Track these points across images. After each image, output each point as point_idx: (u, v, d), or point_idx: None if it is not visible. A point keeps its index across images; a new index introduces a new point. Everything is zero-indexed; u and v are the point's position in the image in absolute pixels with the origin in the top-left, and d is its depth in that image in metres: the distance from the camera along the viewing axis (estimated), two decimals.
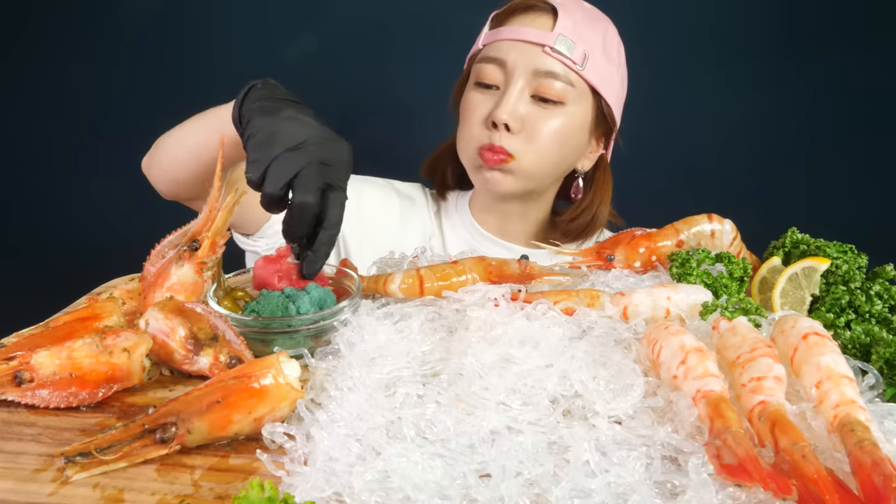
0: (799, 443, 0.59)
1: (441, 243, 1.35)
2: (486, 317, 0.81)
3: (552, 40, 1.16)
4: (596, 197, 1.32)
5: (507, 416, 0.68)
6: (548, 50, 1.16)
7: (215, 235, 0.91)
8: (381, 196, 1.36)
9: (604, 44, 1.21)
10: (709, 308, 0.85)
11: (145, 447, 0.66)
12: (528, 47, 1.17)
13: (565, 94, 1.18)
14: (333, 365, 0.78)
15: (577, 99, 1.19)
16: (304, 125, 0.83)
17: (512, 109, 1.16)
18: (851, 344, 0.80)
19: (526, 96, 1.18)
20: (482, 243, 1.34)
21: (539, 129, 1.18)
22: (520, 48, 1.18)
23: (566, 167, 1.27)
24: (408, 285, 0.93)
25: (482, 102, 1.21)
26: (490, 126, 1.19)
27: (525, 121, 1.17)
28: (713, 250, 1.01)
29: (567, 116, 1.19)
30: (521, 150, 1.18)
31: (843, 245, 0.95)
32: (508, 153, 1.18)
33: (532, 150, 1.18)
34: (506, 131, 1.17)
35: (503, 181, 1.21)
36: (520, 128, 1.17)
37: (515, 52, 1.18)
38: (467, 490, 0.59)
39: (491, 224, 1.34)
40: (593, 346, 0.78)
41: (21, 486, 0.63)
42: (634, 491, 0.58)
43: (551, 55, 1.16)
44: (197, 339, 0.80)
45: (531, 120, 1.18)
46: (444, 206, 1.40)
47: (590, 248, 1.07)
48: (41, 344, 0.77)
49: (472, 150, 1.22)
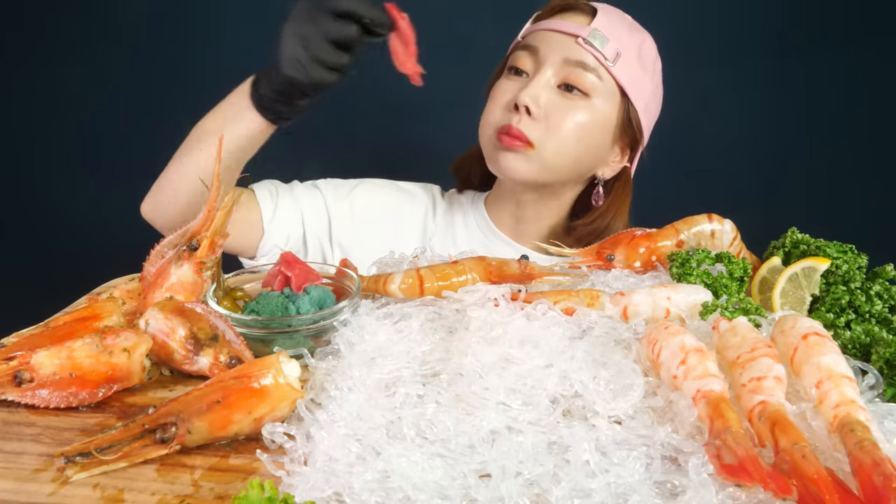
0: (799, 443, 0.59)
1: (452, 241, 1.35)
2: (486, 317, 0.81)
3: (586, 33, 1.17)
4: (612, 206, 1.30)
5: (507, 416, 0.68)
6: (580, 41, 1.17)
7: (214, 235, 0.91)
8: (374, 193, 1.35)
9: (639, 51, 1.22)
10: (709, 308, 0.85)
11: (145, 447, 0.66)
12: (561, 37, 1.19)
13: (592, 86, 1.18)
14: (333, 365, 0.78)
15: (603, 95, 1.19)
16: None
17: (535, 94, 1.17)
18: (851, 344, 0.80)
19: (553, 84, 1.18)
20: (493, 242, 1.33)
21: (561, 119, 1.17)
22: (554, 38, 1.20)
23: (585, 167, 1.25)
24: (408, 285, 0.93)
25: (510, 88, 1.21)
26: (512, 109, 1.19)
27: (548, 108, 1.17)
28: (713, 250, 1.01)
29: (591, 111, 1.19)
30: (540, 139, 1.17)
31: (843, 245, 0.95)
32: (528, 140, 1.17)
33: (552, 139, 1.17)
34: (526, 115, 1.17)
35: (518, 164, 1.19)
36: (541, 115, 1.17)
37: (549, 41, 1.20)
38: (467, 490, 0.59)
39: (505, 223, 1.33)
40: (593, 346, 0.78)
41: (21, 486, 0.63)
42: (634, 491, 0.58)
43: (583, 46, 1.17)
44: (197, 339, 0.80)
45: (554, 108, 1.17)
46: (458, 201, 1.39)
47: (590, 248, 1.07)
48: (41, 344, 0.77)
49: (491, 131, 1.21)
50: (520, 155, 1.19)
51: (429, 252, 1.06)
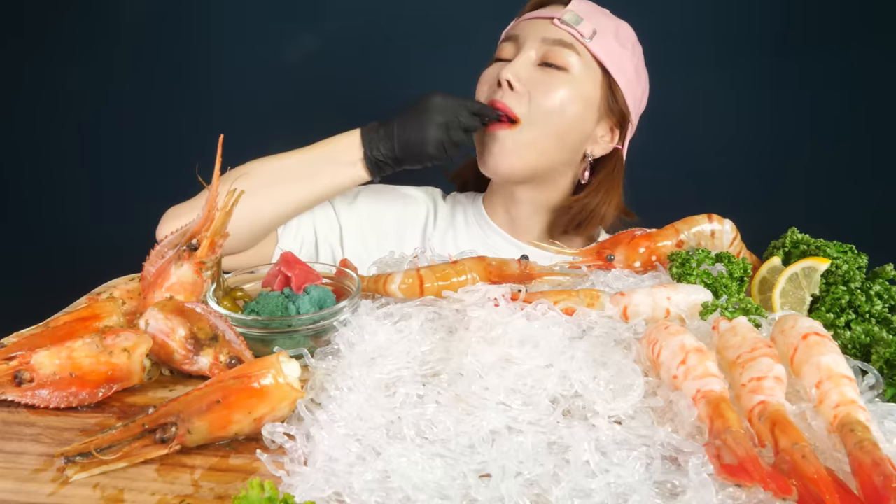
0: (799, 443, 0.59)
1: (453, 241, 1.35)
2: (486, 317, 0.81)
3: (561, 13, 1.23)
4: (603, 184, 1.30)
5: (507, 416, 0.68)
6: (556, 22, 1.22)
7: (214, 235, 0.91)
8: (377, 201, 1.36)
9: (616, 32, 1.26)
10: (709, 308, 0.85)
11: (145, 447, 0.66)
12: (538, 21, 1.25)
13: (570, 61, 1.21)
14: (333, 365, 0.78)
15: (582, 69, 1.22)
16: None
17: (516, 70, 1.20)
18: (851, 344, 0.80)
19: (533, 61, 1.22)
20: (492, 238, 1.34)
21: (543, 93, 1.20)
22: (532, 23, 1.26)
23: (571, 143, 1.25)
24: (408, 285, 0.93)
25: (493, 72, 1.26)
26: (496, 86, 1.22)
27: (530, 84, 1.20)
28: (713, 250, 1.01)
29: (572, 84, 1.21)
30: (525, 113, 1.19)
31: (843, 245, 0.95)
32: (513, 114, 1.19)
33: (536, 112, 1.19)
34: (509, 90, 1.20)
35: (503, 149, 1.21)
36: (523, 89, 1.20)
37: (528, 27, 1.25)
38: (467, 490, 0.59)
39: (501, 218, 1.35)
40: (593, 346, 0.78)
41: (21, 486, 0.63)
42: (634, 491, 0.58)
43: (560, 26, 1.22)
44: (197, 339, 0.80)
45: (535, 83, 1.20)
46: (460, 201, 1.41)
47: (590, 248, 1.07)
48: (41, 344, 0.77)
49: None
50: (506, 143, 1.20)
51: (429, 252, 1.06)
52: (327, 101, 1.92)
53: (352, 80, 1.93)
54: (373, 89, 1.92)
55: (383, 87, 1.94)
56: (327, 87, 1.91)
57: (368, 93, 1.92)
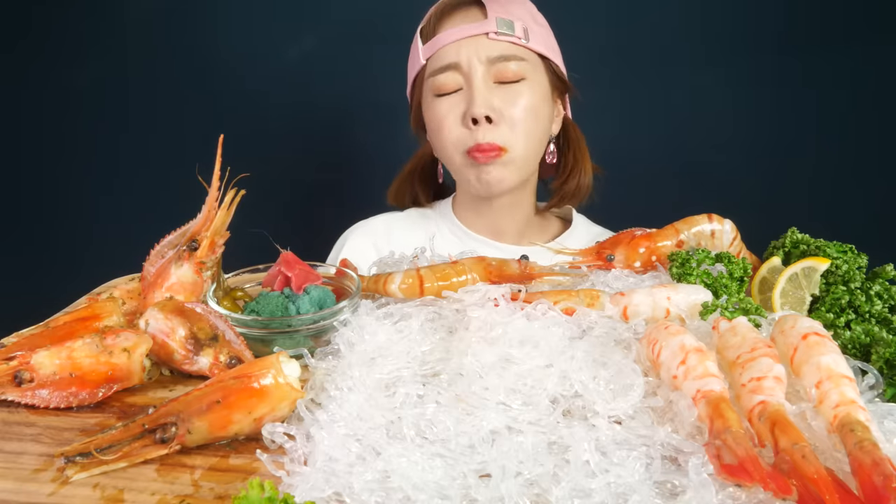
0: (799, 443, 0.59)
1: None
2: (486, 317, 0.81)
3: (493, 26, 1.18)
4: (578, 153, 1.33)
5: (507, 416, 0.68)
6: (492, 35, 1.18)
7: (214, 235, 0.91)
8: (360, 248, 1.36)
9: (532, 14, 1.25)
10: (709, 308, 0.85)
11: (145, 447, 0.66)
12: (472, 40, 1.19)
13: (522, 70, 1.20)
14: (333, 365, 0.78)
15: (533, 71, 1.22)
16: None
17: (486, 101, 1.17)
18: (851, 344, 0.80)
19: (490, 85, 1.19)
20: (472, 246, 1.33)
21: (514, 112, 1.19)
22: (465, 45, 1.19)
23: (545, 136, 1.27)
24: (408, 285, 0.93)
25: (452, 106, 1.21)
26: (469, 124, 1.19)
27: (501, 109, 1.19)
28: (713, 250, 1.01)
29: (531, 90, 1.21)
30: (509, 140, 1.19)
31: (843, 245, 0.95)
32: (500, 147, 1.18)
33: (517, 133, 1.19)
34: (487, 124, 1.18)
35: (503, 177, 1.21)
36: (499, 118, 1.18)
37: (463, 50, 1.19)
38: (467, 490, 0.59)
39: (481, 225, 1.34)
40: (593, 346, 0.78)
41: (21, 486, 0.63)
42: (634, 491, 0.58)
43: (497, 39, 1.18)
44: (197, 339, 0.80)
45: (504, 105, 1.19)
46: (425, 215, 1.40)
47: (590, 248, 1.07)
48: (41, 344, 0.77)
49: (460, 153, 1.22)
50: (498, 165, 1.20)
51: (429, 252, 1.06)
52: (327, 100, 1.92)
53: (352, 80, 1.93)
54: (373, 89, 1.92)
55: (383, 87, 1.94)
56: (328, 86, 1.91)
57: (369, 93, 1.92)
